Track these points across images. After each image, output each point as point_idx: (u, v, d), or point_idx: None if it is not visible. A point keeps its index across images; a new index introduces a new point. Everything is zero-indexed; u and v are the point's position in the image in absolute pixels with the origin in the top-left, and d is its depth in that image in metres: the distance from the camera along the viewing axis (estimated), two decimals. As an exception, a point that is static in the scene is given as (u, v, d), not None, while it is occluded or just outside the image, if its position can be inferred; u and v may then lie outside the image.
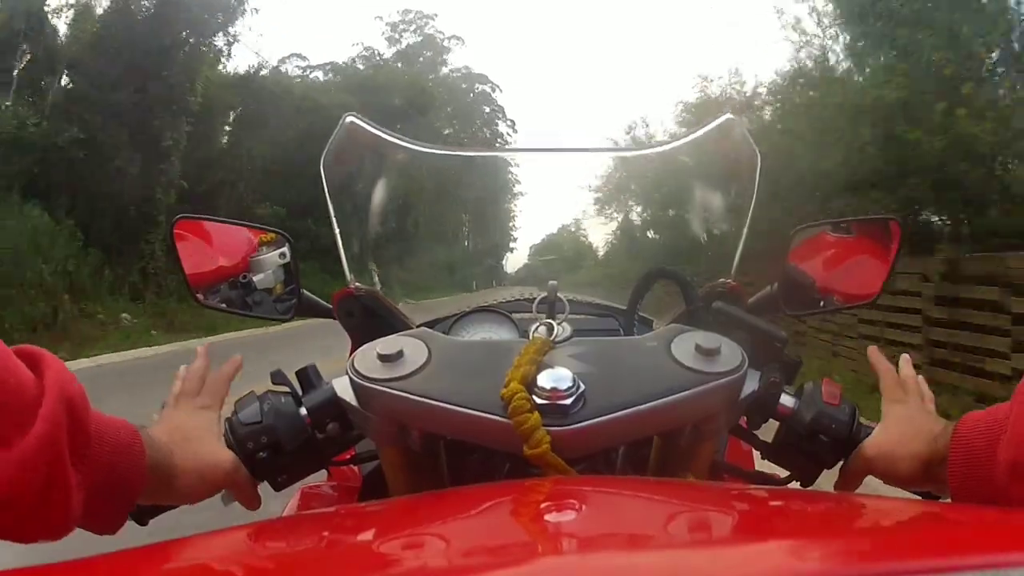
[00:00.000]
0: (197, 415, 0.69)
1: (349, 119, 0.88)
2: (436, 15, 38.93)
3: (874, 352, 0.75)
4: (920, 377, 0.73)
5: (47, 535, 0.52)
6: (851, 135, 7.11)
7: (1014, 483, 0.54)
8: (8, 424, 0.48)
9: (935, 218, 7.73)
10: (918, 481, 0.66)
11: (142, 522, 0.73)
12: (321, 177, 0.86)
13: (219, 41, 14.88)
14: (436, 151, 0.99)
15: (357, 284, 0.86)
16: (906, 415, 0.70)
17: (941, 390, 4.42)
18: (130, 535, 0.58)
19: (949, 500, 0.70)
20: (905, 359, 0.73)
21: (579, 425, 0.62)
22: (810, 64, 9.68)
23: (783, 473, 0.75)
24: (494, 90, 39.52)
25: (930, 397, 0.72)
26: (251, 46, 28.80)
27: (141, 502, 0.62)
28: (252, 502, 0.70)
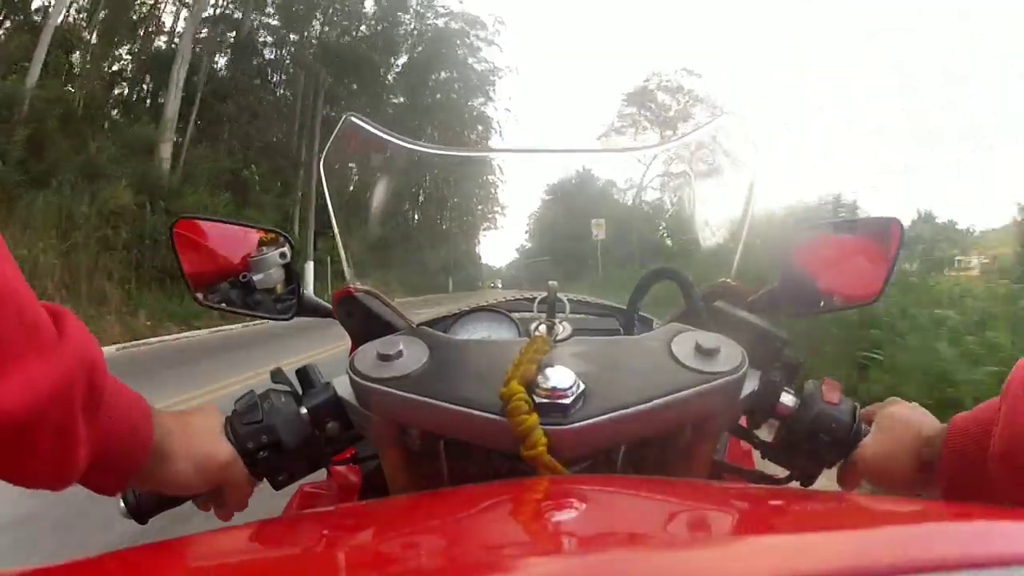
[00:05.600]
0: (202, 410, 0.70)
1: (349, 119, 0.88)
2: None
3: None
4: None
5: (51, 481, 0.52)
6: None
7: (1006, 476, 0.54)
8: (18, 353, 0.47)
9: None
10: (910, 483, 0.66)
11: (142, 521, 0.73)
12: (320, 176, 0.87)
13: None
14: (437, 151, 0.99)
15: (357, 284, 0.86)
16: (901, 417, 0.70)
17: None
18: (130, 535, 0.58)
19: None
20: None
21: (579, 424, 0.62)
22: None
23: (783, 473, 0.75)
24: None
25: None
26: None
27: (136, 485, 0.63)
28: (242, 502, 0.70)
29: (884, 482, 0.68)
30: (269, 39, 25.76)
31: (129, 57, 21.33)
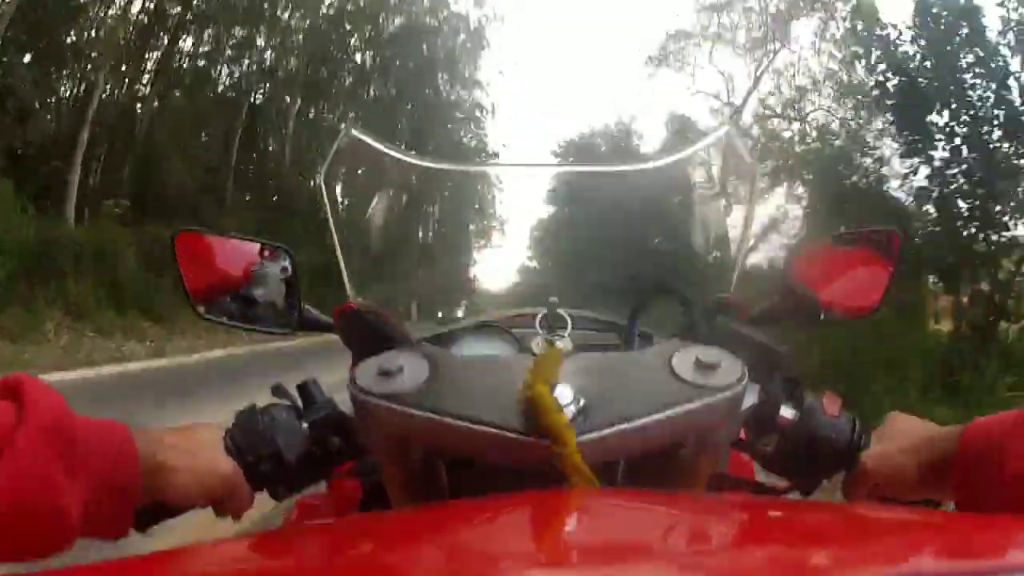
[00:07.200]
0: (203, 425, 0.70)
1: (350, 132, 0.89)
2: None
3: None
4: None
5: (52, 544, 0.53)
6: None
7: (1021, 491, 0.54)
8: None
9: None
10: (919, 490, 0.66)
11: (142, 530, 0.73)
12: (321, 191, 0.87)
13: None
14: (437, 165, 1.00)
15: (358, 299, 0.86)
16: (905, 425, 0.70)
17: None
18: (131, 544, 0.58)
19: (951, 507, 0.70)
20: None
21: (580, 439, 0.62)
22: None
23: (783, 484, 0.75)
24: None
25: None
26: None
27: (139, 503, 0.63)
28: (241, 514, 0.70)
29: (892, 488, 0.68)
30: None
31: None
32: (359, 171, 0.98)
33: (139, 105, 18.37)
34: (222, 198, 19.16)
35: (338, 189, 0.93)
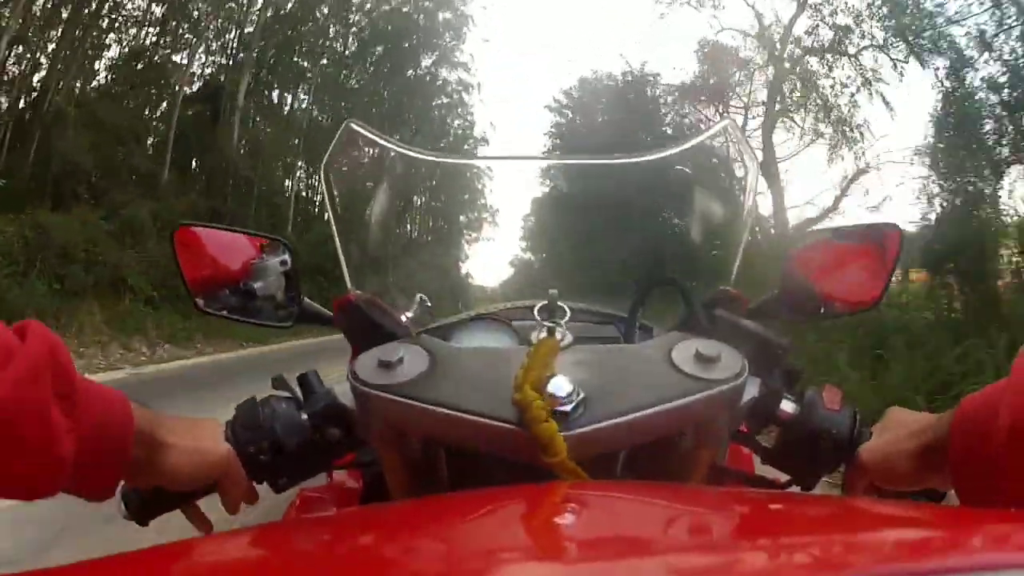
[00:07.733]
0: (203, 418, 0.71)
1: (350, 126, 0.89)
2: None
3: None
4: None
5: (40, 480, 0.53)
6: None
7: (1013, 447, 0.54)
8: None
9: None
10: (917, 480, 0.66)
11: (143, 522, 0.73)
12: (321, 183, 0.87)
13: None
14: (438, 158, 0.99)
15: (357, 291, 0.86)
16: (901, 417, 0.70)
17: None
18: (129, 538, 0.58)
19: (951, 493, 0.70)
20: None
21: (579, 431, 0.62)
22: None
23: (783, 478, 0.76)
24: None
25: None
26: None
27: (129, 480, 0.63)
28: (238, 502, 0.70)
29: (891, 480, 0.68)
30: None
31: None
32: (359, 164, 0.98)
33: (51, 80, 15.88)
34: (154, 180, 17.02)
35: (335, 181, 0.93)
